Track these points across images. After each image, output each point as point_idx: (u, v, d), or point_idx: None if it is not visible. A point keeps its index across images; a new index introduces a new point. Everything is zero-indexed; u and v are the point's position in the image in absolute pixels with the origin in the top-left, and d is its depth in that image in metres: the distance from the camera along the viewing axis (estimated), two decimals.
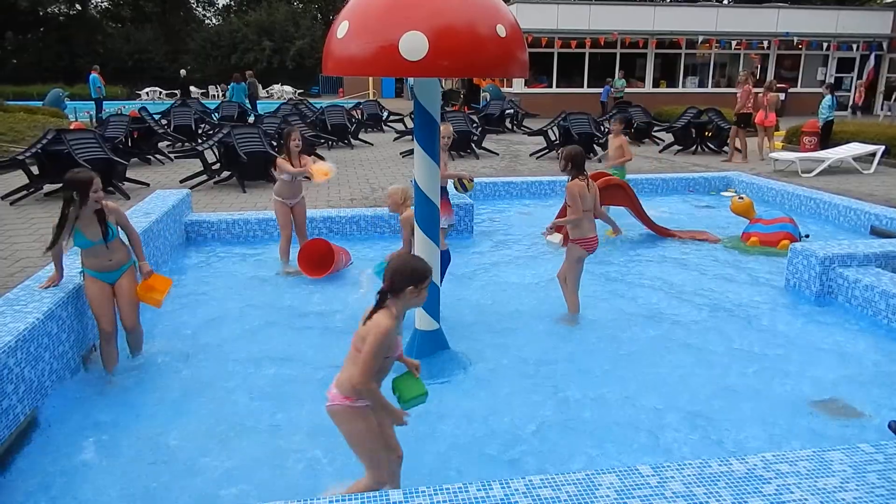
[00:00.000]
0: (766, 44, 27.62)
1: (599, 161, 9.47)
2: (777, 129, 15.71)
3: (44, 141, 10.35)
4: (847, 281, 5.54)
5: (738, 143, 14.32)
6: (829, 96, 14.84)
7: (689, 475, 2.57)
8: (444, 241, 6.92)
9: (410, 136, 17.35)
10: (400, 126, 20.30)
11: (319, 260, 6.33)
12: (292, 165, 6.27)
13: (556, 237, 6.00)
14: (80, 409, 3.95)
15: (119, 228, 4.43)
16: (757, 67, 27.82)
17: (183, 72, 21.91)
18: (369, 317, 2.81)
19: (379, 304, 2.82)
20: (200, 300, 5.77)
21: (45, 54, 47.64)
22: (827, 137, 14.57)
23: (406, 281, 2.79)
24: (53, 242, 4.21)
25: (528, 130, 17.64)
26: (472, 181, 6.23)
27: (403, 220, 5.12)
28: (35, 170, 10.35)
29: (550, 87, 27.20)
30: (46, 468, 3.38)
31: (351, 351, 2.85)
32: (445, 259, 5.39)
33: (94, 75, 21.62)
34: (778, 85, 16.94)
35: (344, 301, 5.73)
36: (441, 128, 6.87)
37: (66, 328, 4.22)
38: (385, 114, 21.63)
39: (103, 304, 4.29)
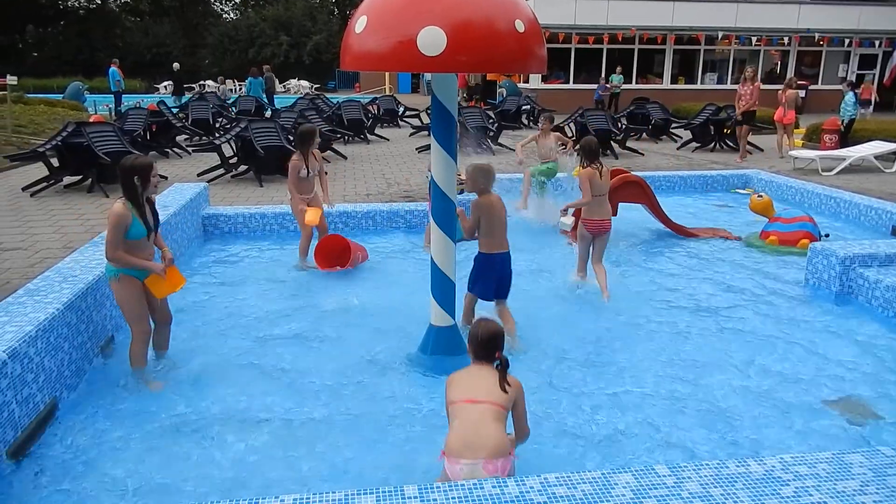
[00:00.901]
0: (786, 40, 27.27)
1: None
2: (797, 126, 15.51)
3: (64, 133, 10.46)
4: (868, 281, 5.46)
5: (745, 142, 14.04)
6: (850, 94, 14.62)
7: (706, 476, 2.55)
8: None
9: (426, 132, 17.35)
10: (416, 121, 20.29)
11: (336, 255, 6.35)
12: (306, 165, 6.25)
13: (570, 219, 6.14)
14: (98, 398, 4.00)
15: None
16: (776, 64, 27.52)
17: (176, 65, 21.97)
18: (502, 380, 2.89)
19: (505, 370, 2.94)
20: (217, 292, 5.80)
21: (65, 48, 48.13)
22: (847, 135, 14.37)
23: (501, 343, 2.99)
24: (148, 230, 4.01)
25: None
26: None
27: (474, 205, 4.57)
28: (55, 162, 10.46)
29: (567, 83, 27.06)
30: (64, 455, 3.42)
31: (487, 412, 2.78)
32: None
33: (113, 69, 21.80)
34: (798, 82, 16.68)
35: (359, 296, 5.74)
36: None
37: (84, 319, 4.26)
38: (401, 109, 21.62)
39: (143, 302, 4.16)
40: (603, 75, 24.96)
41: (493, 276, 4.67)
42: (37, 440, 3.51)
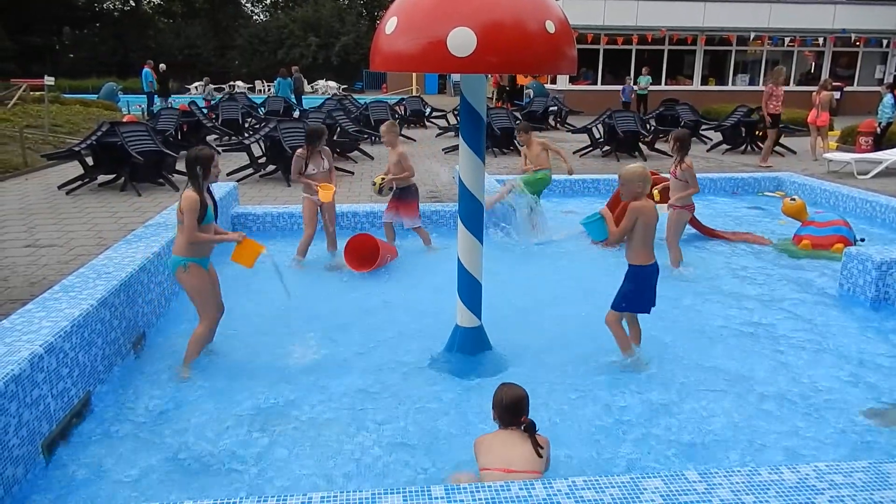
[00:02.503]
0: (821, 41, 26.76)
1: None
2: (831, 128, 15.19)
3: (98, 133, 10.69)
4: None
5: (769, 145, 13.73)
6: (889, 95, 14.27)
7: (737, 482, 2.51)
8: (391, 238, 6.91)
9: (453, 133, 17.36)
10: (443, 122, 20.32)
11: (365, 256, 6.38)
12: (307, 161, 6.36)
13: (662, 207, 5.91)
14: (130, 393, 4.07)
15: None
16: (811, 65, 27.00)
17: (162, 66, 22.23)
18: (536, 445, 2.87)
19: (534, 433, 2.91)
20: (245, 292, 5.87)
21: (100, 49, 49.20)
22: (882, 138, 14.03)
23: (525, 406, 2.99)
24: (201, 217, 4.21)
25: (572, 128, 17.45)
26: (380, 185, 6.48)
27: (632, 209, 4.22)
28: (90, 161, 10.68)
29: (595, 83, 26.87)
30: (97, 449, 3.49)
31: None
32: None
33: (146, 70, 22.21)
34: (833, 84, 16.32)
35: (386, 296, 5.76)
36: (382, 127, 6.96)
37: (117, 315, 4.34)
38: (428, 110, 21.67)
39: (215, 290, 4.45)
40: (631, 76, 24.74)
41: (651, 288, 4.37)
42: (71, 433, 3.59)
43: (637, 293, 4.37)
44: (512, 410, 2.95)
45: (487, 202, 7.85)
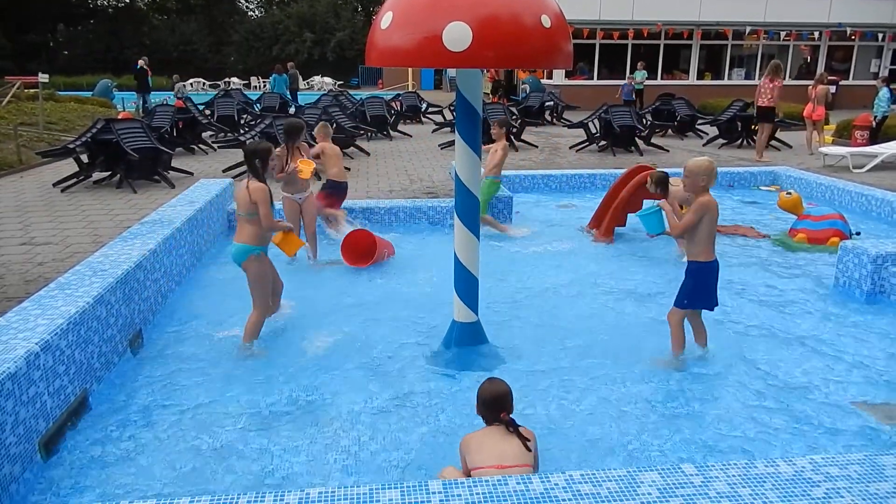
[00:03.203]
0: (816, 35, 26.76)
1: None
2: (826, 122, 15.21)
3: (93, 130, 10.64)
4: None
5: (763, 139, 13.75)
6: (885, 89, 14.29)
7: (733, 475, 2.51)
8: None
9: (449, 128, 17.35)
10: (439, 118, 20.29)
11: (362, 251, 6.37)
12: (287, 160, 6.21)
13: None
14: (127, 391, 4.07)
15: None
16: (806, 59, 27.00)
17: (140, 62, 22.16)
18: (523, 440, 2.87)
19: (517, 428, 2.91)
20: (243, 289, 5.85)
21: (95, 46, 49.01)
22: (878, 132, 14.06)
23: (512, 401, 3.00)
24: (272, 203, 4.46)
25: (568, 123, 17.44)
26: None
27: (699, 204, 4.07)
28: (85, 158, 10.64)
29: (591, 78, 26.84)
30: (94, 446, 3.48)
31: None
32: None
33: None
34: (829, 77, 16.32)
35: (383, 291, 5.76)
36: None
37: (114, 312, 4.33)
38: (424, 105, 21.64)
39: (272, 279, 4.73)
40: (628, 72, 24.71)
41: (713, 285, 4.27)
42: (68, 431, 3.58)
43: (699, 289, 4.30)
44: (492, 406, 2.94)
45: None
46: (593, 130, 15.22)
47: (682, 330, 4.43)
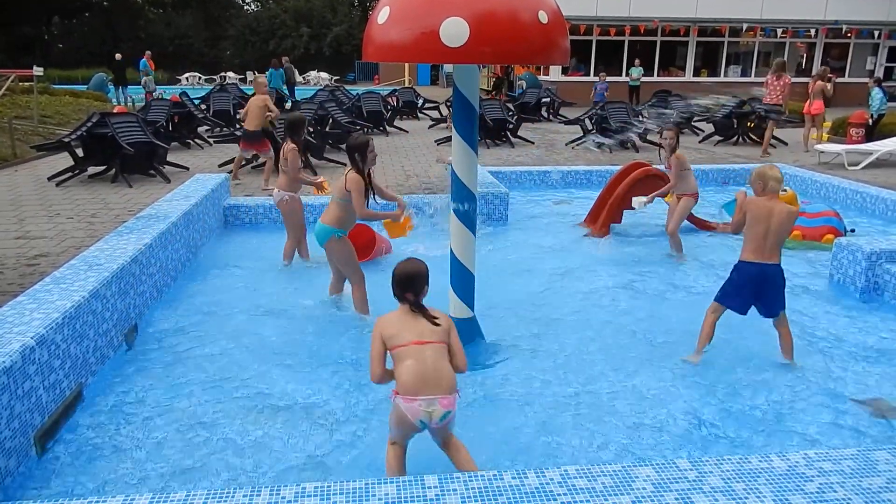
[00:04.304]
0: (812, 32, 26.81)
1: None
2: (823, 119, 15.25)
3: (88, 124, 10.60)
4: (895, 277, 5.37)
5: (769, 136, 13.79)
6: (876, 88, 14.34)
7: (728, 470, 2.53)
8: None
9: (445, 124, 17.33)
10: (435, 113, 20.27)
11: (361, 247, 6.36)
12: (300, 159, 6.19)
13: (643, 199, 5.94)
14: (122, 385, 4.06)
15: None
16: (802, 56, 27.05)
17: (118, 55, 22.12)
18: (430, 317, 3.03)
19: (423, 308, 3.07)
20: (238, 283, 5.86)
21: (90, 39, 48.79)
22: (874, 129, 14.10)
23: (423, 285, 3.09)
24: (367, 200, 4.76)
25: (565, 119, 17.44)
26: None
27: (749, 202, 4.27)
28: (80, 152, 10.60)
29: (588, 75, 26.84)
30: (90, 440, 3.48)
31: (437, 350, 2.96)
32: None
33: (143, 60, 22.10)
34: (829, 74, 16.36)
35: (381, 286, 5.75)
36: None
37: (109, 307, 4.33)
38: (420, 101, 21.61)
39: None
40: (624, 68, 24.72)
41: (750, 289, 4.25)
42: (63, 425, 3.58)
43: (730, 286, 4.34)
44: (400, 284, 3.07)
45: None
46: (589, 127, 15.23)
47: (712, 324, 4.43)
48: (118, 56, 22.16)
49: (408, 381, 2.87)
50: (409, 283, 3.05)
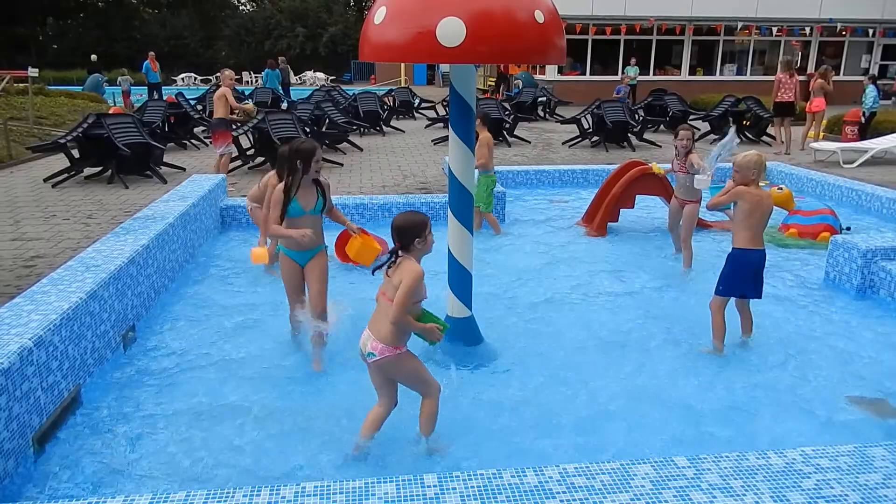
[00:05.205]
0: (808, 30, 26.87)
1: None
2: (823, 116, 15.30)
3: (84, 125, 10.58)
4: (890, 275, 5.39)
5: (783, 135, 13.86)
6: (870, 86, 14.38)
7: (725, 468, 2.54)
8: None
9: (442, 124, 17.33)
10: (431, 113, 20.27)
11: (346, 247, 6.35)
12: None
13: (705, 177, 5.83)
14: (120, 386, 4.06)
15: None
16: (798, 55, 27.09)
17: (94, 56, 22.15)
18: (392, 269, 3.21)
19: (394, 259, 3.21)
20: (236, 284, 5.86)
21: (85, 39, 48.59)
22: (867, 127, 14.16)
23: (412, 234, 3.17)
24: (281, 215, 4.15)
25: (561, 118, 17.46)
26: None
27: (734, 192, 4.32)
28: (76, 153, 10.58)
29: (584, 74, 26.88)
30: (88, 441, 3.48)
31: (381, 303, 3.22)
32: None
33: (146, 62, 22.08)
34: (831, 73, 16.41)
35: (375, 287, 5.74)
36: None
37: (107, 308, 4.32)
38: (417, 101, 21.61)
39: (293, 286, 4.41)
40: (620, 67, 24.76)
41: (751, 273, 4.39)
42: (61, 426, 3.58)
43: (733, 276, 4.42)
44: (394, 233, 3.22)
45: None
46: (586, 126, 15.25)
47: (722, 318, 4.48)
48: (94, 57, 22.14)
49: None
50: (398, 232, 3.21)
